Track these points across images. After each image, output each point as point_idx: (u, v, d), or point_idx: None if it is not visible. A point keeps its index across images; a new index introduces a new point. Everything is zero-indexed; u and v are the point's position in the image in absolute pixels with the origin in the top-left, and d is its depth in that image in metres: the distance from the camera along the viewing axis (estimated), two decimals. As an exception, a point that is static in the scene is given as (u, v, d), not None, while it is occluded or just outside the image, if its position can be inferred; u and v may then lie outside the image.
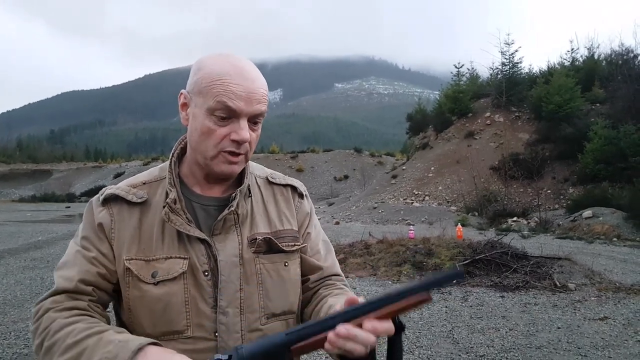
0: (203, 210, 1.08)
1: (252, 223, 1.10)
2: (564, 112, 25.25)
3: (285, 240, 1.12)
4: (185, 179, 1.11)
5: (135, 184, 1.10)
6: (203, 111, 1.00)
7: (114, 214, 1.05)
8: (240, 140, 1.00)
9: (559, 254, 8.80)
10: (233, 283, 1.03)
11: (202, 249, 1.03)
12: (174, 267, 1.01)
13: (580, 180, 22.16)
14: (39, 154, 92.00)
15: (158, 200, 1.06)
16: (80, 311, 0.97)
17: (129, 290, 1.01)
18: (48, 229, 17.89)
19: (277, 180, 1.21)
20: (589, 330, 5.24)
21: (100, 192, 1.09)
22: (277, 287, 1.09)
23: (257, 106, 1.01)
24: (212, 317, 1.01)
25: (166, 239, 1.03)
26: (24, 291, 7.34)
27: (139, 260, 1.01)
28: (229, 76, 0.98)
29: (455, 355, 4.57)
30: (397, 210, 23.10)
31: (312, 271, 1.17)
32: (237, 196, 1.07)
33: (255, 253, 1.07)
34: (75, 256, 1.03)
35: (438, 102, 36.57)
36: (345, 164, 50.92)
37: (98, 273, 1.01)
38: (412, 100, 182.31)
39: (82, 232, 1.07)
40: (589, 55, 33.05)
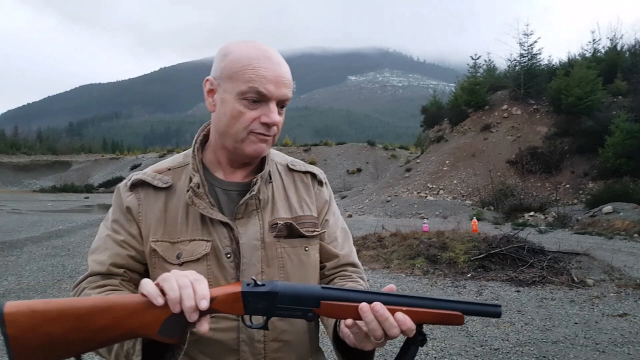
0: (225, 194, 1.11)
1: (273, 208, 1.12)
2: (585, 104, 24.79)
3: (305, 226, 1.14)
4: (209, 165, 1.13)
5: (160, 169, 1.14)
6: (233, 96, 1.02)
7: (141, 198, 1.09)
8: (270, 123, 1.03)
9: (577, 250, 8.68)
10: (255, 266, 1.06)
11: (224, 232, 1.06)
12: (197, 249, 1.05)
13: (600, 174, 21.81)
14: (58, 145, 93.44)
15: (182, 185, 1.10)
16: (112, 287, 1.04)
17: (155, 271, 1.05)
18: (68, 218, 18.24)
19: (298, 167, 1.23)
20: (608, 327, 5.16)
21: (127, 177, 1.13)
22: (297, 271, 1.11)
23: (284, 90, 1.04)
24: None
25: (190, 222, 1.06)
26: (46, 277, 7.55)
27: (164, 242, 1.05)
28: (258, 61, 1.01)
29: (469, 348, 4.54)
30: (411, 203, 23.00)
31: (329, 258, 1.19)
32: (258, 181, 1.09)
33: (276, 237, 1.10)
34: (106, 240, 1.08)
35: (454, 95, 36.15)
36: (358, 157, 50.78)
37: (128, 256, 1.06)
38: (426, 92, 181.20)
39: (112, 216, 1.11)
40: (611, 46, 32.43)
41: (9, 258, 9.19)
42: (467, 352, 4.42)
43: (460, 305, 0.85)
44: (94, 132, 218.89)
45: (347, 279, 1.18)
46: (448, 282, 7.33)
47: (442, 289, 6.88)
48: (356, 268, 1.23)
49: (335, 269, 1.20)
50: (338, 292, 0.86)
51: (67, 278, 7.51)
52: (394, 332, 0.83)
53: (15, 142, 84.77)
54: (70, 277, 7.60)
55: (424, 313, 0.84)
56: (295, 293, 0.84)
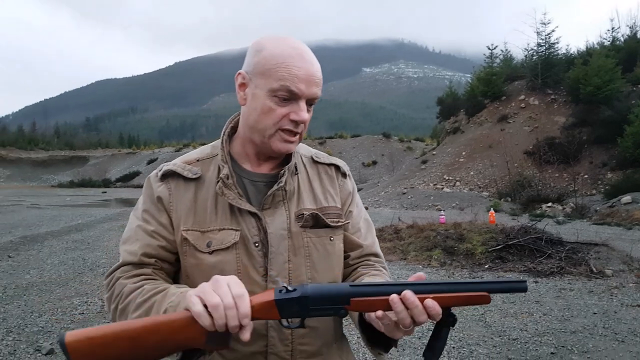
0: (253, 185, 1.14)
1: (299, 199, 1.15)
2: (603, 94, 24.37)
3: (330, 217, 1.17)
4: (236, 156, 1.17)
5: (189, 160, 1.16)
6: (265, 92, 1.05)
7: (171, 189, 1.12)
8: (299, 120, 1.06)
9: (595, 240, 8.62)
10: (282, 254, 1.09)
11: (252, 222, 1.09)
12: (226, 238, 1.08)
13: (619, 164, 21.48)
14: (75, 141, 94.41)
15: (211, 176, 1.13)
16: (146, 276, 1.07)
17: (186, 259, 1.09)
18: (87, 212, 18.51)
19: (322, 160, 1.26)
20: (627, 317, 5.15)
21: (158, 168, 1.17)
22: (323, 260, 1.14)
23: (315, 89, 1.07)
24: (262, 285, 1.08)
25: (219, 212, 1.10)
26: (67, 271, 7.67)
27: (195, 231, 1.08)
28: (291, 59, 1.03)
29: (487, 337, 4.57)
30: (427, 195, 22.92)
31: (353, 248, 1.22)
32: (285, 173, 1.12)
33: (302, 227, 1.13)
34: (137, 231, 1.11)
35: (470, 85, 35.73)
36: (374, 150, 50.64)
37: (159, 246, 1.09)
38: (442, 83, 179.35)
39: (142, 206, 1.14)
40: (630, 34, 31.83)
41: (30, 252, 9.36)
42: (485, 342, 4.46)
43: (486, 285, 0.89)
44: (110, 127, 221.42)
45: (371, 268, 1.21)
46: (465, 273, 7.35)
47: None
48: (378, 258, 1.26)
49: (359, 259, 1.23)
50: (366, 288, 0.90)
51: (87, 271, 7.64)
52: (422, 319, 0.88)
53: (33, 138, 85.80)
54: (90, 270, 7.73)
55: (451, 297, 0.88)
56: (325, 294, 0.89)
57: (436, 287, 0.89)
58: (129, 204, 26.93)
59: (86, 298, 6.00)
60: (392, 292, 0.88)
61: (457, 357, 4.14)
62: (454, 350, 4.28)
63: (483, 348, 4.33)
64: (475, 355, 4.17)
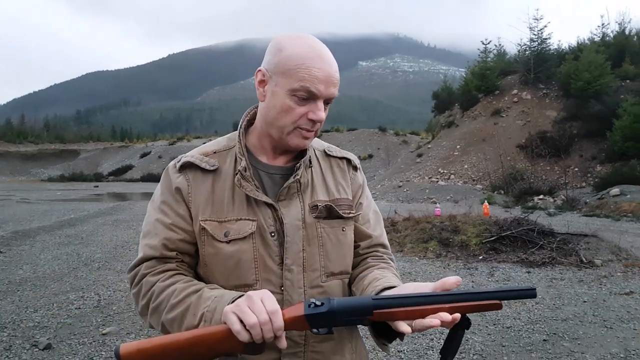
0: (269, 177, 1.18)
1: (313, 191, 1.20)
2: (593, 89, 24.64)
3: (342, 208, 1.21)
4: (252, 149, 1.20)
5: (206, 152, 1.19)
6: (285, 91, 1.08)
7: (190, 180, 1.15)
8: (316, 120, 1.10)
9: (585, 231, 8.76)
10: (297, 244, 1.14)
11: (269, 213, 1.13)
12: (244, 228, 1.12)
13: (608, 158, 21.77)
14: (66, 134, 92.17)
15: (227, 167, 1.16)
16: (173, 272, 1.12)
17: (205, 248, 1.13)
18: (79, 207, 18.25)
19: (334, 153, 1.30)
20: (615, 304, 5.28)
21: (176, 159, 1.20)
22: (335, 249, 1.19)
23: (332, 90, 1.10)
24: (278, 273, 1.13)
25: (236, 202, 1.13)
26: (61, 266, 7.53)
27: (212, 221, 1.12)
28: (311, 60, 1.07)
29: (482, 326, 4.68)
30: (422, 188, 23.06)
31: (362, 239, 1.28)
32: (301, 166, 1.17)
33: (316, 218, 1.17)
34: (155, 225, 1.15)
35: (464, 80, 35.93)
36: (370, 143, 50.62)
37: (178, 239, 1.13)
38: (437, 78, 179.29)
39: (160, 197, 1.18)
40: (620, 30, 32.03)
41: (22, 247, 9.14)
42: (480, 331, 4.57)
43: (499, 294, 0.96)
44: (102, 120, 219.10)
45: (379, 260, 1.26)
46: (460, 264, 7.46)
47: (454, 271, 7.02)
48: (386, 249, 1.32)
49: (368, 249, 1.28)
50: (387, 300, 0.96)
51: (82, 266, 7.52)
52: (434, 324, 0.93)
53: (22, 131, 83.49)
54: (85, 265, 7.62)
55: (466, 306, 0.95)
56: (350, 308, 0.95)
57: (452, 297, 0.95)
58: (122, 198, 26.79)
59: (82, 293, 5.93)
60: (410, 303, 0.95)
61: (452, 344, 4.23)
62: (449, 338, 4.37)
63: (478, 336, 4.43)
64: (470, 343, 4.27)
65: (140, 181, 50.39)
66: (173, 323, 1.04)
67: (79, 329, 4.67)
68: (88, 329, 4.66)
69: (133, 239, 10.18)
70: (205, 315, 0.99)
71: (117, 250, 8.98)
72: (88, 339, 4.38)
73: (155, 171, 52.21)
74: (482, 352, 4.08)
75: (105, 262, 7.86)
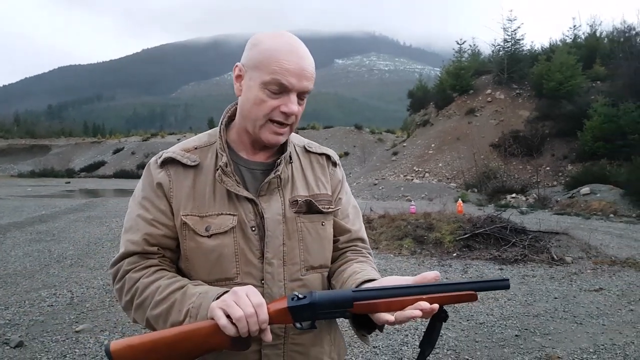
0: (250, 173, 1.20)
1: (293, 186, 1.22)
2: (565, 89, 25.22)
3: (322, 203, 1.24)
4: (233, 145, 1.21)
5: (188, 148, 1.20)
6: (257, 84, 1.10)
7: (171, 175, 1.16)
8: (289, 113, 1.11)
9: (556, 229, 8.98)
10: (277, 238, 1.16)
11: (249, 207, 1.15)
12: (225, 222, 1.13)
13: (579, 157, 22.30)
14: (37, 129, 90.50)
15: (209, 163, 1.18)
16: (156, 267, 1.13)
17: (186, 242, 1.14)
18: (50, 203, 17.86)
19: (314, 149, 1.32)
20: (585, 300, 5.43)
21: (157, 155, 1.21)
22: (315, 244, 1.21)
23: (306, 83, 1.11)
24: (259, 266, 1.14)
25: (217, 198, 1.15)
26: (33, 263, 7.43)
27: (194, 216, 1.13)
28: (283, 54, 1.08)
29: (456, 322, 4.76)
30: (398, 186, 23.27)
31: (342, 233, 1.30)
32: (281, 162, 1.19)
33: (296, 213, 1.19)
34: (137, 221, 1.15)
35: (439, 79, 36.36)
36: (346, 141, 50.79)
37: (159, 234, 1.14)
38: (413, 76, 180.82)
39: (141, 193, 1.18)
40: (591, 32, 32.86)
41: None
42: (454, 327, 4.64)
43: (474, 285, 0.99)
44: (74, 115, 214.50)
45: (358, 254, 1.29)
46: (435, 261, 7.56)
47: (429, 268, 7.10)
48: (365, 244, 1.35)
49: (347, 243, 1.31)
50: (367, 293, 0.99)
51: (54, 263, 7.42)
52: (415, 315, 0.96)
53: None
54: (57, 262, 7.51)
55: (443, 297, 0.98)
56: (331, 300, 0.98)
57: (429, 288, 0.98)
58: (94, 194, 26.28)
59: (54, 290, 5.86)
60: (389, 295, 0.98)
61: (427, 341, 4.28)
62: (424, 334, 4.43)
63: (452, 332, 4.51)
64: (444, 339, 4.33)
65: (113, 177, 49.53)
66: (158, 319, 1.06)
67: (52, 326, 4.61)
68: (61, 327, 4.61)
69: (106, 235, 10.03)
70: (190, 312, 1.01)
71: (90, 247, 8.84)
72: (61, 337, 4.33)
73: (129, 167, 51.38)
74: (456, 347, 4.15)
75: (78, 259, 7.74)
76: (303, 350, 1.17)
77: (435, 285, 0.98)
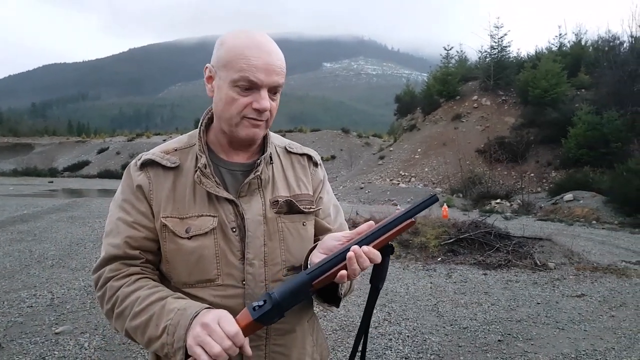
0: (230, 174, 1.19)
1: (274, 187, 1.22)
2: (550, 97, 25.54)
3: (303, 203, 1.24)
4: (212, 146, 1.21)
5: (168, 150, 1.20)
6: (227, 83, 1.11)
7: (151, 177, 1.16)
8: (260, 109, 1.11)
9: (540, 235, 9.06)
10: (258, 239, 1.15)
11: (230, 209, 1.15)
12: (205, 224, 1.13)
13: (562, 164, 22.57)
14: (20, 127, 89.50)
15: (189, 165, 1.17)
16: (137, 275, 1.12)
17: (166, 244, 1.13)
18: (33, 203, 17.62)
19: (295, 150, 1.33)
20: (567, 306, 5.48)
21: (137, 157, 1.20)
22: (296, 244, 1.21)
23: (275, 78, 1.11)
24: (240, 267, 1.14)
25: (197, 199, 1.14)
26: (13, 263, 7.31)
27: (174, 218, 1.13)
28: (249, 50, 1.09)
29: (439, 327, 4.77)
30: (384, 190, 23.34)
31: (323, 232, 1.29)
32: (261, 162, 1.19)
33: (277, 213, 1.19)
34: (117, 224, 1.15)
35: (426, 84, 36.58)
36: (333, 144, 50.83)
37: (141, 237, 1.13)
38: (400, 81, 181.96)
39: (122, 196, 1.18)
40: (576, 41, 33.33)
41: None
42: (437, 331, 4.65)
43: (408, 213, 1.05)
44: (58, 114, 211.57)
45: None
46: (419, 265, 7.58)
47: (413, 272, 7.13)
48: None
49: None
50: (319, 268, 1.02)
51: (35, 263, 7.31)
52: (366, 265, 1.03)
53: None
54: (38, 262, 7.40)
55: (386, 238, 1.04)
56: (291, 291, 1.00)
57: (370, 237, 1.03)
58: (77, 194, 25.95)
59: (34, 291, 5.77)
60: (338, 260, 1.02)
61: (411, 346, 4.29)
62: (409, 339, 4.44)
63: (435, 337, 4.51)
64: (428, 343, 4.34)
65: (97, 177, 49.01)
66: (136, 331, 1.06)
67: (31, 327, 4.54)
68: (40, 328, 4.53)
69: (89, 236, 9.90)
70: (168, 329, 1.01)
71: (72, 247, 8.71)
72: (40, 338, 4.26)
73: (113, 167, 50.84)
74: (439, 352, 4.15)
75: (60, 260, 7.63)
76: (285, 351, 1.18)
77: (374, 232, 1.03)
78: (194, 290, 1.13)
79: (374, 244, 1.02)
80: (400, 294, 5.94)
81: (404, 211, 1.04)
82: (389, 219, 1.04)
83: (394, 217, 1.04)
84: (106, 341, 4.23)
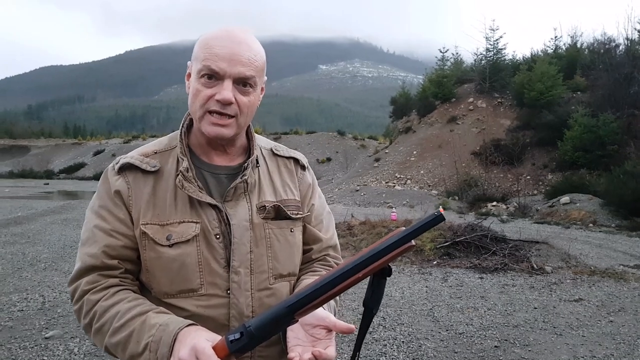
0: (214, 178, 1.13)
1: (260, 191, 1.16)
2: (546, 99, 25.55)
3: (290, 209, 1.18)
4: (194, 148, 1.16)
5: (147, 153, 1.14)
6: (195, 75, 1.07)
7: (130, 182, 1.09)
8: (222, 100, 1.04)
9: (536, 238, 9.04)
10: (244, 245, 1.10)
11: (213, 214, 1.09)
12: (187, 231, 1.07)
13: (559, 167, 22.57)
14: (16, 129, 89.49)
15: (170, 168, 1.11)
16: (116, 287, 1.05)
17: (146, 253, 1.07)
18: (27, 205, 17.60)
19: (281, 153, 1.27)
20: (564, 311, 5.43)
21: (114, 161, 1.13)
22: (284, 251, 1.16)
23: (241, 69, 1.05)
24: (224, 276, 1.08)
25: (179, 204, 1.08)
26: (5, 266, 7.29)
27: (154, 224, 1.07)
28: (214, 40, 1.06)
29: (435, 332, 4.71)
30: (379, 193, 23.28)
31: (314, 241, 1.25)
32: (248, 166, 1.13)
33: (264, 219, 1.14)
34: (94, 232, 1.08)
35: (422, 87, 36.59)
36: (328, 147, 50.79)
37: (119, 245, 1.07)
38: (395, 83, 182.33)
39: (98, 202, 1.11)
40: (571, 43, 33.41)
41: None
42: (433, 337, 4.59)
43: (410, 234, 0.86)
44: (54, 116, 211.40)
45: (326, 266, 1.24)
46: (415, 269, 7.53)
47: (409, 276, 7.07)
48: (336, 252, 1.30)
49: (319, 253, 1.26)
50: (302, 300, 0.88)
51: (27, 266, 7.28)
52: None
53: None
54: (31, 265, 7.37)
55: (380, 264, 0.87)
56: (269, 324, 0.88)
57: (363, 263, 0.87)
58: (72, 196, 25.86)
59: (26, 294, 5.73)
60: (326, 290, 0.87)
61: (407, 351, 4.23)
62: (404, 345, 4.38)
63: (431, 342, 4.45)
64: (423, 349, 4.28)
65: (93, 179, 48.91)
66: (117, 347, 0.99)
67: (21, 332, 4.49)
68: (30, 333, 4.49)
69: (82, 239, 9.82)
70: (150, 346, 0.95)
71: (65, 250, 8.69)
72: (29, 343, 4.21)
73: (109, 170, 50.69)
74: (435, 358, 4.09)
75: (52, 263, 7.60)
76: None
77: (368, 257, 0.87)
78: (175, 300, 1.07)
79: (368, 269, 0.89)
80: (395, 298, 5.88)
81: (406, 232, 0.88)
82: (388, 239, 0.89)
83: (395, 237, 0.89)
84: (96, 346, 4.16)
